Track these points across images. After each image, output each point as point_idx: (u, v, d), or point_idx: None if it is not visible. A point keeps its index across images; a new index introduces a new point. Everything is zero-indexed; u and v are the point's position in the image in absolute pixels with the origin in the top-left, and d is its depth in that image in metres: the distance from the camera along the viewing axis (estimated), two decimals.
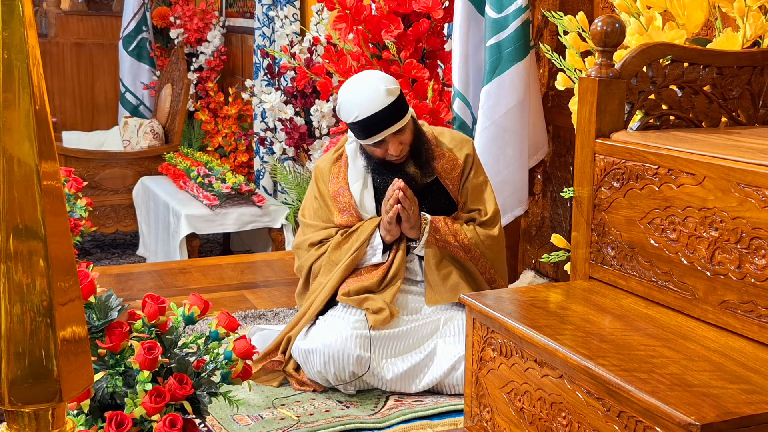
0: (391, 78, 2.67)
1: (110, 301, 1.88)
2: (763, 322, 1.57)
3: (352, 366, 2.54)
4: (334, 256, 2.72)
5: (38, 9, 7.63)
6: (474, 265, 2.72)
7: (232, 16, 7.03)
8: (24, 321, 0.96)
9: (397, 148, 2.63)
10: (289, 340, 2.68)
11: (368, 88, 2.60)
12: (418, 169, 2.69)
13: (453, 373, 2.58)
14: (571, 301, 1.88)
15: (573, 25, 2.30)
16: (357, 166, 2.74)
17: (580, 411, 1.57)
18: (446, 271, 2.68)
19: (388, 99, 2.57)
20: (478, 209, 2.77)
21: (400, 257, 2.69)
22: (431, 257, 2.68)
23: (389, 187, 2.64)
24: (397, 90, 2.62)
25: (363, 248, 2.69)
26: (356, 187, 2.74)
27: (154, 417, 1.81)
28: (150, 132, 6.32)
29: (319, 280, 2.75)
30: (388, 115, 2.58)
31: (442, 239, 2.68)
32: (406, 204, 2.60)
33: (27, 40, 0.94)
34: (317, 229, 2.80)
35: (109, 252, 6.09)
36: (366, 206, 2.75)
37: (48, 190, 0.97)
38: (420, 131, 2.72)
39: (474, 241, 2.71)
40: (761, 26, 2.10)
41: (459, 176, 2.75)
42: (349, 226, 2.74)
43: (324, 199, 2.79)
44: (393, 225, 2.64)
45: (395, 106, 2.59)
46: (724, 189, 1.62)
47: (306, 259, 2.80)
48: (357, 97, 2.60)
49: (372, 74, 2.70)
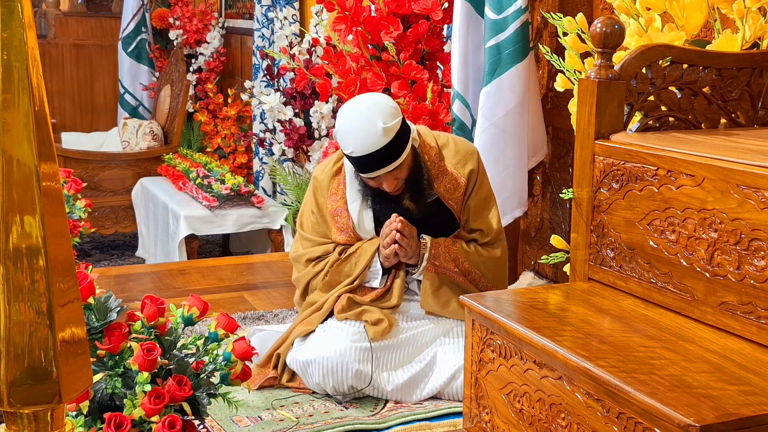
0: (391, 108, 2.52)
1: (109, 302, 1.88)
2: (762, 323, 1.57)
3: (351, 380, 2.52)
4: (333, 279, 2.69)
5: (37, 10, 7.63)
6: (474, 286, 2.69)
7: (231, 17, 7.03)
8: (23, 322, 0.96)
9: (392, 184, 2.56)
10: (279, 356, 2.67)
11: (365, 124, 2.47)
12: (413, 202, 2.62)
13: (453, 382, 2.55)
14: (570, 302, 1.88)
15: (572, 27, 2.30)
16: (354, 186, 2.68)
17: (579, 412, 1.57)
18: (445, 299, 2.64)
19: (384, 140, 2.45)
20: (480, 229, 2.70)
21: (398, 285, 2.66)
22: (429, 286, 2.64)
23: (386, 224, 2.59)
24: (397, 125, 2.49)
25: (364, 274, 2.67)
26: (354, 207, 2.68)
27: (153, 418, 1.81)
28: (149, 133, 6.32)
29: (315, 297, 2.73)
30: (384, 155, 2.48)
31: (441, 266, 2.64)
32: (404, 243, 2.56)
33: (26, 41, 0.94)
34: (315, 244, 2.76)
35: (108, 253, 6.09)
36: (365, 227, 2.70)
37: (47, 191, 0.97)
38: (419, 163, 2.62)
39: (475, 264, 2.67)
40: (760, 28, 2.10)
41: (462, 195, 2.68)
42: (347, 244, 2.70)
43: (322, 214, 2.74)
44: (391, 259, 2.63)
45: (392, 146, 2.47)
46: (724, 190, 1.62)
47: (303, 274, 2.77)
48: (353, 131, 2.49)
49: (372, 105, 2.53)
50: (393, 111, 2.52)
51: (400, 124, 2.51)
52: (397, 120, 2.50)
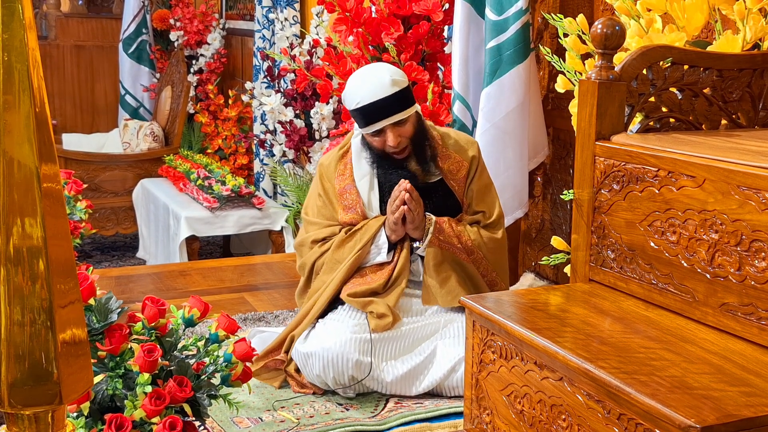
0: (400, 71, 2.69)
1: (110, 303, 1.88)
2: (763, 324, 1.57)
3: (351, 370, 2.53)
4: (337, 254, 2.71)
5: (38, 11, 7.64)
6: (476, 267, 2.71)
7: (232, 18, 7.03)
8: (24, 323, 0.96)
9: (395, 139, 2.62)
10: (292, 339, 2.68)
11: (374, 77, 2.64)
12: (420, 166, 2.69)
13: (453, 374, 2.57)
14: (571, 303, 1.88)
15: (573, 28, 2.30)
16: (362, 162, 2.74)
17: (580, 413, 1.57)
18: (445, 275, 2.67)
19: (392, 89, 2.59)
20: (483, 211, 2.77)
21: (404, 257, 2.68)
22: (431, 259, 2.67)
23: (395, 187, 2.63)
24: (404, 82, 2.64)
25: (367, 247, 2.68)
26: (363, 183, 2.73)
27: (153, 419, 1.81)
28: (150, 134, 6.32)
29: (322, 278, 2.74)
30: (390, 104, 2.59)
31: (445, 240, 2.67)
32: (411, 205, 2.60)
33: (27, 42, 0.94)
34: (321, 226, 2.78)
35: (108, 254, 6.09)
36: (372, 205, 2.74)
37: (48, 192, 0.97)
38: (424, 128, 2.72)
39: (477, 243, 2.71)
40: (761, 29, 2.10)
41: (464, 177, 2.75)
42: (353, 224, 2.73)
43: (329, 197, 2.78)
44: (398, 225, 2.64)
45: (398, 97, 2.60)
46: (724, 191, 1.62)
47: (309, 256, 2.78)
48: (361, 84, 2.64)
49: (382, 65, 2.75)
50: (401, 72, 2.69)
51: (407, 84, 2.65)
52: (405, 79, 2.66)
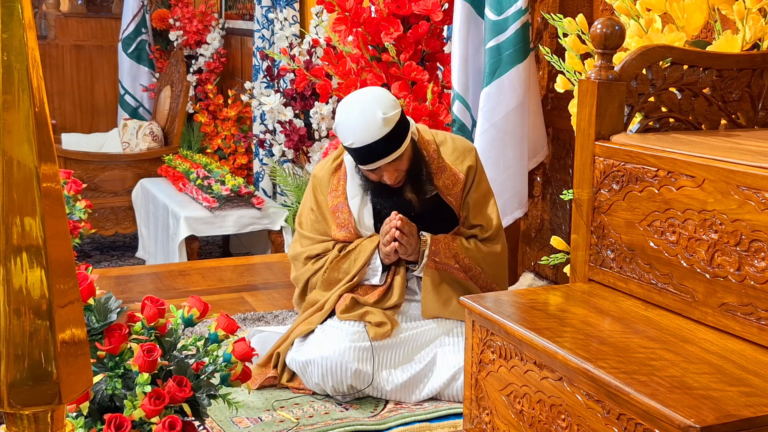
0: (390, 100, 2.55)
1: (109, 303, 1.88)
2: (762, 324, 1.57)
3: (350, 379, 2.51)
4: (332, 276, 2.68)
5: (37, 11, 7.64)
6: (474, 282, 2.68)
7: (231, 18, 7.03)
8: (23, 323, 0.96)
9: (392, 176, 2.56)
10: (279, 355, 2.66)
11: (365, 115, 2.49)
12: (415, 194, 2.63)
13: (453, 383, 2.55)
14: (570, 303, 1.88)
15: (572, 28, 2.30)
16: (355, 181, 2.68)
17: (579, 413, 1.57)
18: (446, 297, 2.63)
19: (384, 130, 2.47)
20: (480, 225, 2.71)
21: (399, 283, 2.65)
22: (429, 282, 2.63)
23: (385, 222, 2.59)
24: (396, 116, 2.51)
25: (363, 271, 2.66)
26: (355, 202, 2.68)
27: (153, 419, 1.81)
28: (149, 134, 6.32)
29: (316, 296, 2.72)
30: (384, 145, 2.49)
31: (441, 262, 2.63)
32: (403, 240, 2.56)
33: (26, 42, 0.94)
34: (314, 242, 2.75)
35: (108, 254, 6.09)
36: (365, 223, 2.69)
37: (47, 192, 0.97)
38: (419, 155, 2.63)
39: (476, 260, 2.67)
40: (761, 29, 2.10)
41: (461, 191, 2.68)
42: (347, 241, 2.69)
43: (321, 212, 2.73)
44: (391, 256, 2.62)
45: (392, 136, 2.49)
46: (724, 191, 1.62)
47: (302, 272, 2.76)
48: (353, 122, 2.51)
49: (371, 97, 2.56)
50: (392, 102, 2.55)
51: (400, 115, 2.53)
52: (397, 111, 2.52)
